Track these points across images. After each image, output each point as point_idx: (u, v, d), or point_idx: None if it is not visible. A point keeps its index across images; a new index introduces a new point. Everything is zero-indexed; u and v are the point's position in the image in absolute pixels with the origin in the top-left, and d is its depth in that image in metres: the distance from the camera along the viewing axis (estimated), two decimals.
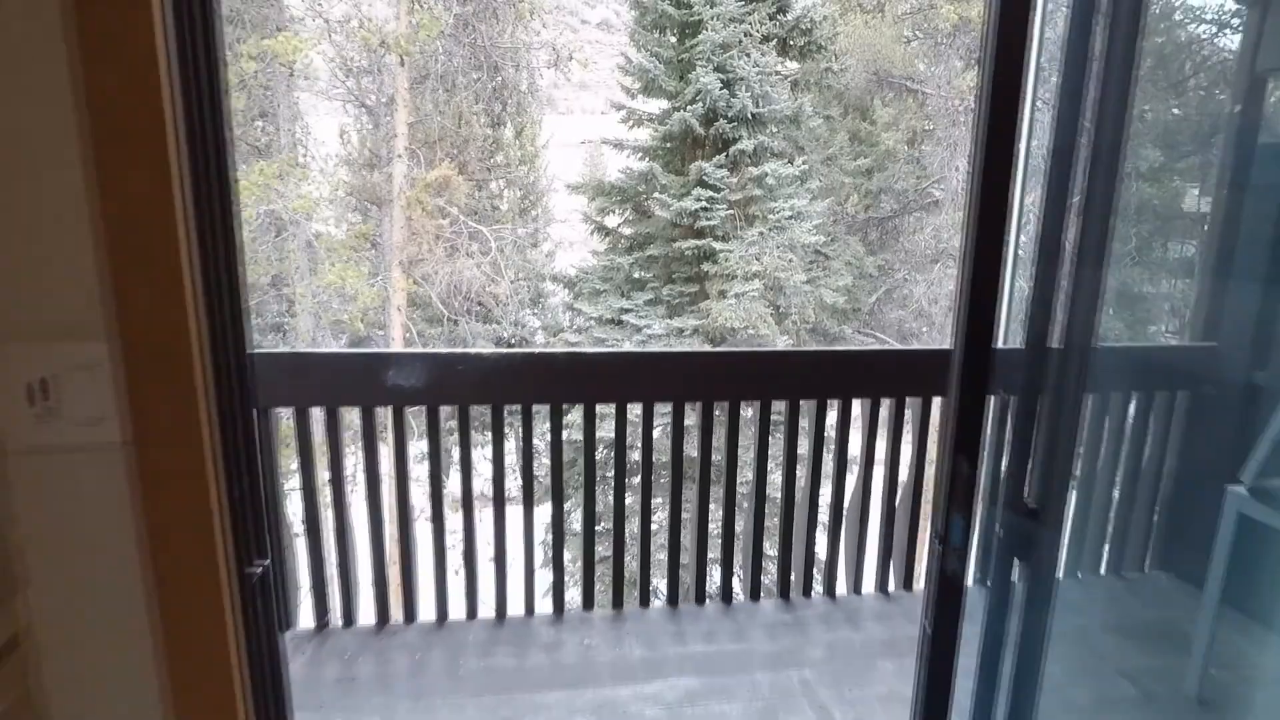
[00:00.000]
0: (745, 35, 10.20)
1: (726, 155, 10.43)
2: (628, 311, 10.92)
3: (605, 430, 2.77)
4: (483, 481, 2.99)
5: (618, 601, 2.74)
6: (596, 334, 11.02)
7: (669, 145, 11.33)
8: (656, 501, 8.68)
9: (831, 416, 2.78)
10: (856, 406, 2.79)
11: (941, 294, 11.24)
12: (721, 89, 10.16)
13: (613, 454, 2.56)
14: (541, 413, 2.45)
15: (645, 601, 2.78)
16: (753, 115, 10.43)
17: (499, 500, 2.39)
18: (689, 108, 10.38)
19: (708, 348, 10.15)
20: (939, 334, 11.80)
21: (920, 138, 15.57)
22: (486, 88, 13.22)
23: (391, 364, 2.30)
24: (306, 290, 9.14)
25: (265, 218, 8.83)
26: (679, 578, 2.92)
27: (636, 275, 11.27)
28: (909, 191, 13.67)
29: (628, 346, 10.40)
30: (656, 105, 11.92)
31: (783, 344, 10.18)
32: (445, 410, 2.43)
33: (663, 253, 11.09)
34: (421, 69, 10.90)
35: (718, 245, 10.21)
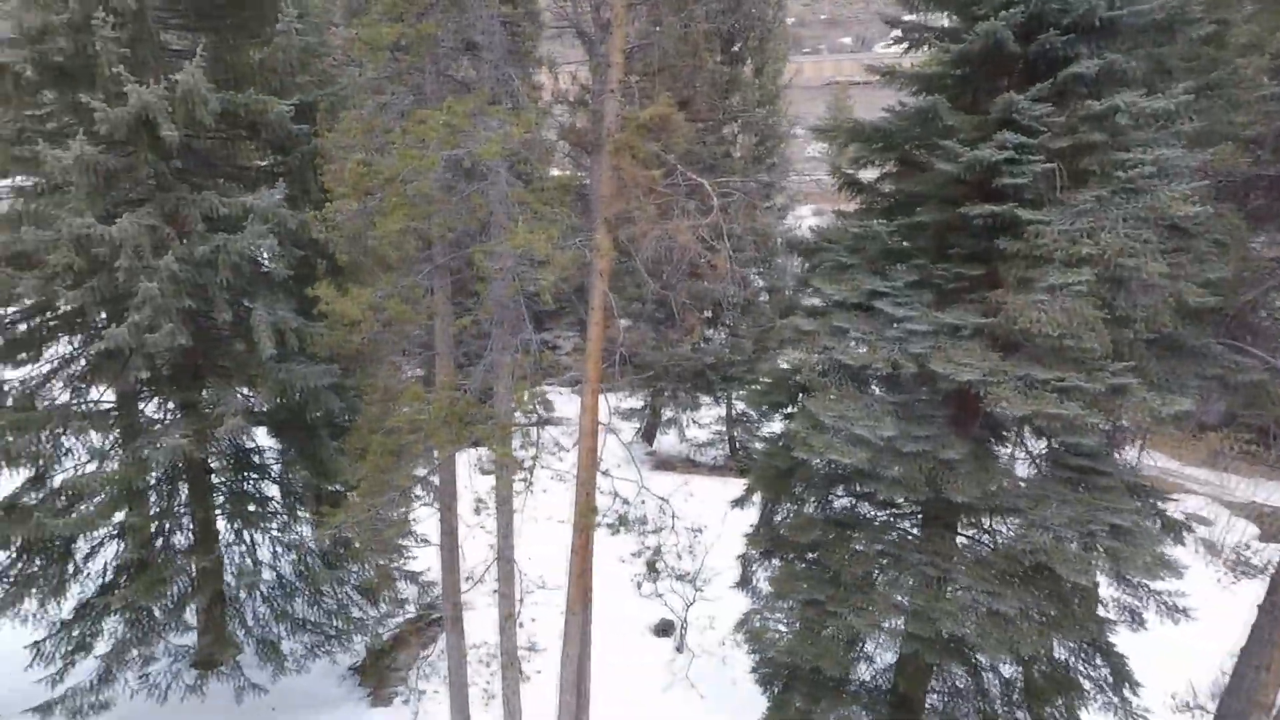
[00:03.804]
0: None
1: (1052, 83, 7.28)
2: (881, 295, 8.31)
3: None
4: None
5: None
6: (835, 322, 8.57)
7: (961, 72, 8.35)
8: None
9: None
10: None
11: None
12: None
13: None
14: None
15: None
16: (1102, 21, 7.14)
17: None
18: (999, 14, 7.34)
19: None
20: None
21: None
22: (722, 15, 10.99)
23: None
24: (490, 253, 7.81)
25: (450, 164, 7.54)
26: None
27: (897, 246, 8.57)
28: None
29: (876, 354, 7.81)
30: (944, 20, 8.95)
31: (1114, 366, 7.00)
32: None
33: (938, 219, 8.27)
34: None
35: (1025, 213, 7.21)
